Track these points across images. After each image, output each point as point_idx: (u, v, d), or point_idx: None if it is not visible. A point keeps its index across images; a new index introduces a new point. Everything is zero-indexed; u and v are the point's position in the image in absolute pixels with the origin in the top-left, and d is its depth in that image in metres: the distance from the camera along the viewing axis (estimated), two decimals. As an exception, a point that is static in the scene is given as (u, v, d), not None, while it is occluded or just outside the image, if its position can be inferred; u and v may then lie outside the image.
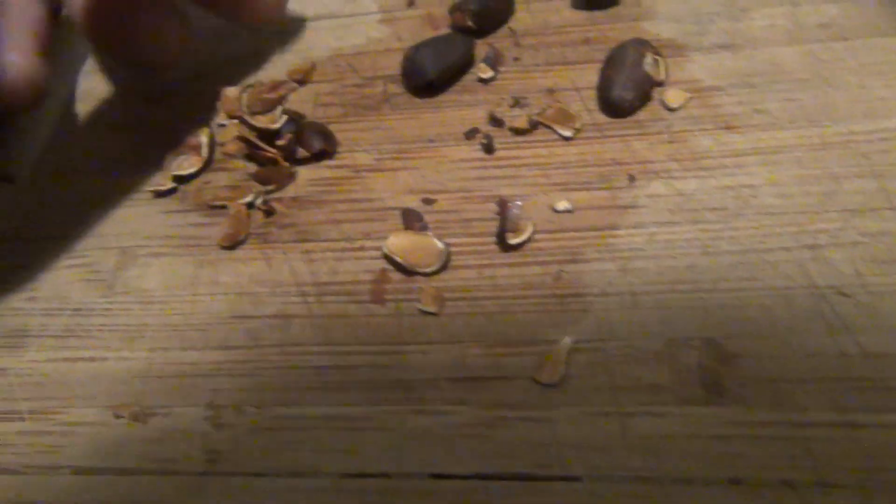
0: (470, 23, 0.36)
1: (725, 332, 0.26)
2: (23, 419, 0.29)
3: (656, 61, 0.33)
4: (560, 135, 0.32)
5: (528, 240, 0.30)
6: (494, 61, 0.35)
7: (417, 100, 0.35)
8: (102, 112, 0.39)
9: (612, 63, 0.33)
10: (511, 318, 0.28)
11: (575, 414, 0.25)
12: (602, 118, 0.33)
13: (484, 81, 0.34)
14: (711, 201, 0.29)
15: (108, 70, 0.41)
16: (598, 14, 0.37)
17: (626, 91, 0.32)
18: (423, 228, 0.31)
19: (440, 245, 0.30)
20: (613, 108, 0.33)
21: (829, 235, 0.27)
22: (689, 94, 0.32)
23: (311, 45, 0.39)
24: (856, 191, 0.28)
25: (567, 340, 0.27)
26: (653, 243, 0.29)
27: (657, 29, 0.35)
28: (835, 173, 0.29)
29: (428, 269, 0.30)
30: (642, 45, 0.33)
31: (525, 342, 0.27)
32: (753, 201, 0.29)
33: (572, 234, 0.30)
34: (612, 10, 0.37)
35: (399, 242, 0.30)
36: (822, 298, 0.26)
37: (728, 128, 0.31)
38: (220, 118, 0.36)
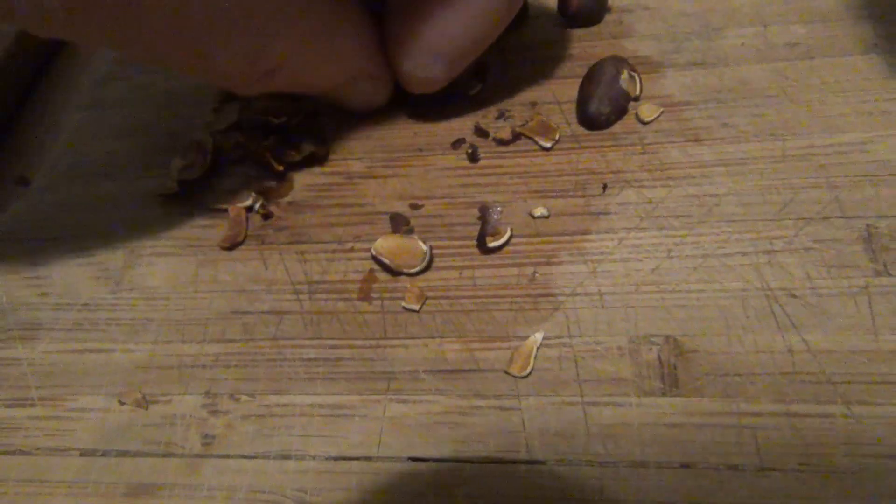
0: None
1: (684, 329, 0.28)
2: (34, 405, 0.31)
3: (632, 77, 0.35)
4: (540, 145, 0.35)
5: (506, 243, 0.32)
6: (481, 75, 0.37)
7: (409, 112, 0.37)
8: (113, 119, 0.42)
9: (591, 79, 0.35)
10: (487, 315, 0.30)
11: (542, 404, 0.28)
12: (580, 130, 0.35)
13: (471, 97, 0.36)
14: (677, 209, 0.31)
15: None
16: (581, 32, 0.39)
17: (602, 105, 0.34)
18: (410, 232, 0.33)
19: (424, 247, 0.32)
20: (590, 121, 0.35)
21: (785, 241, 0.29)
22: (661, 109, 0.35)
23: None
24: (811, 200, 0.30)
25: (537, 336, 0.29)
26: (621, 247, 0.31)
27: (636, 46, 0.37)
28: (793, 184, 0.31)
29: (412, 270, 0.32)
30: (619, 62, 0.35)
31: (499, 338, 0.29)
32: (716, 209, 0.31)
33: (547, 238, 0.32)
34: (594, 29, 0.39)
35: (386, 244, 0.32)
36: (774, 299, 0.28)
37: (696, 140, 0.33)
38: (222, 123, 0.38)
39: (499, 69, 0.38)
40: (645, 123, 0.34)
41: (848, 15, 0.35)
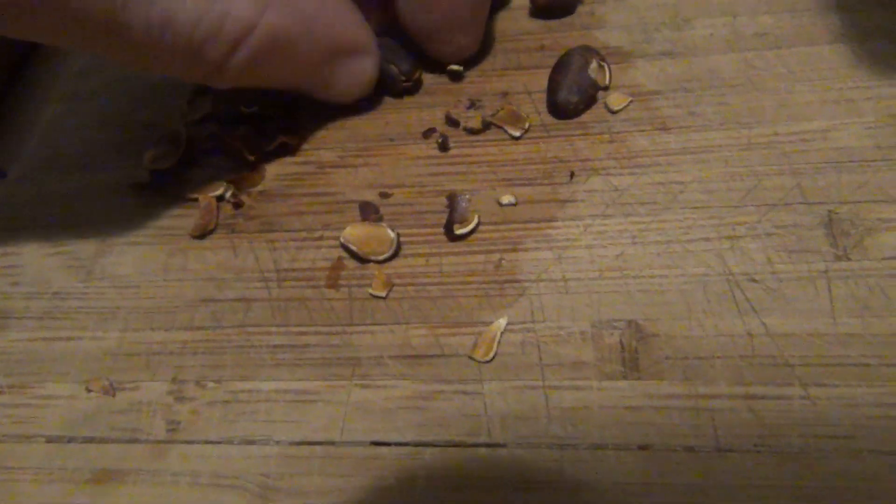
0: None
1: (646, 314, 0.28)
2: (2, 393, 0.31)
3: (601, 67, 0.36)
4: (510, 134, 0.35)
5: (474, 230, 0.32)
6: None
7: (383, 100, 0.38)
8: (90, 110, 0.42)
9: (560, 69, 0.36)
10: (453, 301, 0.30)
11: (504, 388, 0.28)
12: (550, 119, 0.35)
13: (454, 77, 0.37)
14: (643, 196, 0.31)
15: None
16: (552, 23, 0.39)
17: (571, 94, 0.35)
18: (379, 220, 0.33)
19: (392, 235, 0.32)
20: (559, 110, 0.35)
21: (747, 227, 0.29)
22: (630, 98, 0.35)
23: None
24: (774, 187, 0.30)
25: (501, 322, 0.29)
26: (587, 234, 0.31)
27: (606, 37, 0.38)
28: (757, 171, 0.31)
29: (380, 257, 0.32)
30: (588, 52, 0.36)
31: (464, 324, 0.30)
32: (681, 196, 0.31)
33: (514, 225, 0.32)
34: (566, 19, 0.39)
35: (355, 232, 0.33)
36: (735, 284, 0.28)
37: (664, 129, 0.33)
38: (196, 114, 0.38)
39: (471, 60, 0.38)
40: (614, 112, 0.34)
41: (816, 5, 0.36)
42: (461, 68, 0.37)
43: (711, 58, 0.35)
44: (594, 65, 0.35)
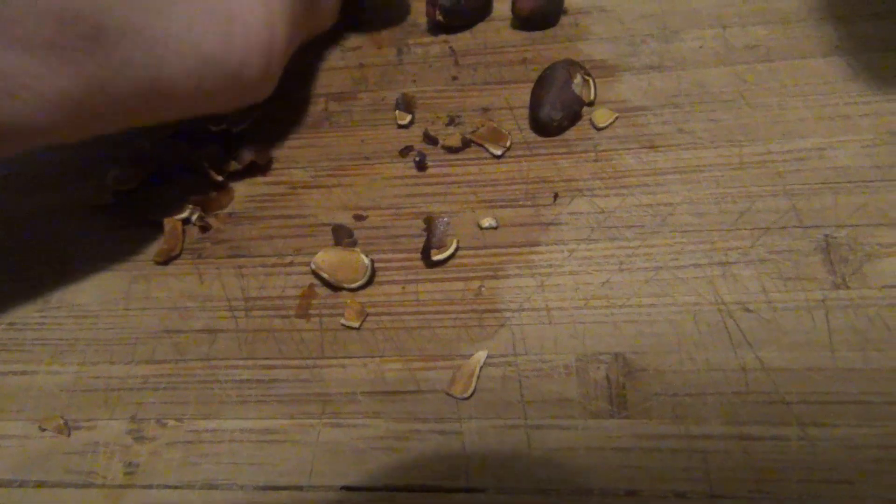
0: (440, 18, 0.37)
1: (634, 347, 0.26)
2: (-49, 432, 0.29)
3: (586, 82, 0.34)
4: (491, 153, 0.33)
5: (452, 256, 0.30)
6: (407, 106, 0.36)
7: (356, 117, 0.36)
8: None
9: (543, 84, 0.34)
10: (430, 332, 0.28)
11: (484, 427, 0.26)
12: (532, 137, 0.34)
13: (404, 126, 0.35)
14: (630, 219, 0.30)
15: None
16: (536, 34, 0.38)
17: (554, 111, 0.33)
18: (352, 244, 0.32)
19: (366, 261, 0.30)
20: (542, 127, 0.33)
21: (740, 253, 0.28)
22: (616, 114, 0.33)
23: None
24: (768, 209, 0.29)
25: (481, 355, 0.27)
26: (571, 259, 0.29)
27: (592, 49, 0.36)
28: (750, 192, 0.29)
29: (353, 285, 0.30)
30: (572, 65, 0.34)
31: (442, 356, 0.28)
32: (670, 219, 0.29)
33: (495, 250, 0.30)
34: (549, 31, 0.38)
35: (327, 258, 0.31)
36: (728, 314, 0.26)
37: (652, 147, 0.32)
38: (162, 132, 0.36)
39: (451, 73, 0.36)
40: (599, 129, 0.33)
41: (810, 16, 0.34)
42: (410, 118, 0.35)
43: (701, 71, 0.34)
44: (578, 79, 0.33)
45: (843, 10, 0.34)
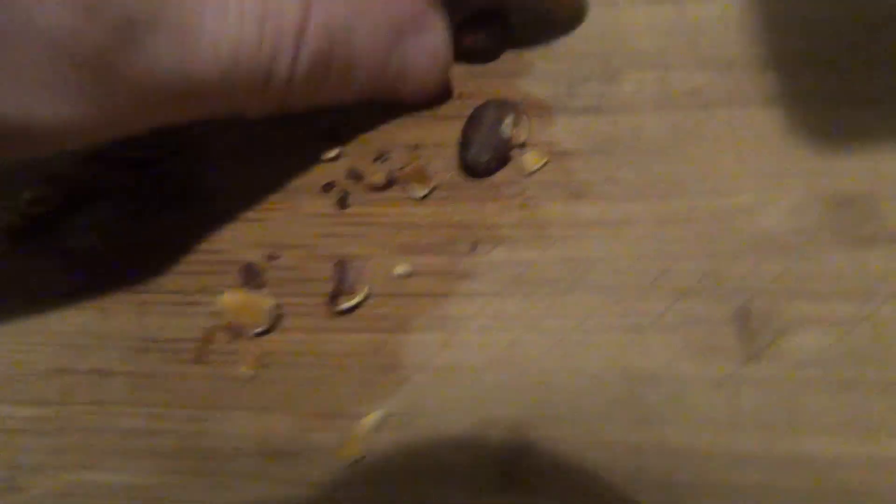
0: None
1: (533, 414, 0.25)
2: None
3: (518, 122, 0.32)
4: (413, 194, 0.32)
5: (360, 304, 0.29)
6: (335, 137, 0.34)
7: (283, 147, 0.35)
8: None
9: (472, 123, 0.32)
10: (327, 388, 0.27)
11: (369, 496, 0.24)
12: (460, 178, 0.32)
13: (332, 160, 0.33)
14: (548, 273, 0.28)
15: None
16: (476, 68, 0.36)
17: (482, 152, 0.32)
18: (260, 286, 0.30)
19: (271, 305, 0.29)
20: (469, 169, 0.32)
21: (653, 318, 0.26)
22: (547, 158, 0.32)
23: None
24: (687, 271, 0.27)
25: (376, 415, 0.26)
26: (482, 314, 0.28)
27: (530, 87, 0.35)
28: (670, 251, 0.28)
29: (255, 330, 0.29)
30: (503, 105, 0.32)
31: (335, 414, 0.27)
32: (587, 276, 0.28)
33: (406, 299, 0.29)
34: (490, 65, 0.36)
35: (231, 300, 0.29)
36: (634, 384, 0.25)
37: (578, 196, 0.30)
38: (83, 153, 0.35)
39: (381, 106, 0.34)
40: (528, 174, 0.31)
41: (755, 61, 0.32)
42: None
43: (638, 117, 0.32)
44: (509, 120, 0.32)
45: (789, 59, 0.32)
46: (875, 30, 0.32)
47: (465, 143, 0.32)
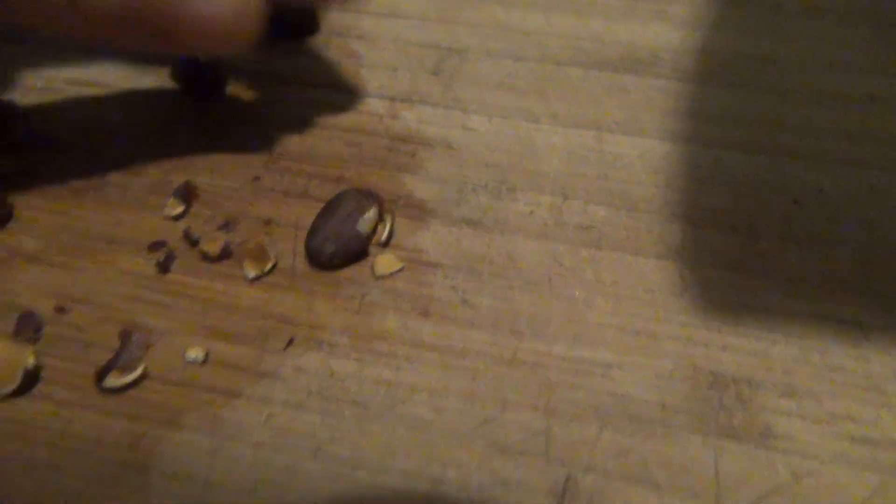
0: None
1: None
2: None
3: (381, 219, 0.28)
4: (245, 273, 0.27)
5: (132, 385, 0.24)
6: (186, 196, 0.30)
7: (130, 195, 0.31)
8: None
9: (327, 209, 0.29)
10: (62, 482, 0.22)
11: None
12: (303, 266, 0.28)
13: (174, 218, 0.29)
14: (358, 393, 0.24)
15: None
16: (366, 156, 0.32)
17: (327, 243, 0.27)
18: (34, 340, 0.25)
19: (30, 364, 0.24)
20: (313, 258, 0.28)
21: (457, 475, 0.21)
22: (403, 264, 0.27)
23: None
24: (518, 425, 0.23)
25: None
26: (265, 427, 0.23)
27: (415, 185, 0.31)
28: (506, 398, 0.23)
29: (2, 390, 0.23)
30: (367, 196, 0.28)
31: (47, 512, 0.21)
32: (402, 408, 0.23)
33: (186, 390, 0.24)
34: (382, 155, 0.32)
35: (-10, 350, 0.24)
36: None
37: (424, 314, 0.26)
38: None
39: (255, 173, 0.31)
40: (377, 277, 0.26)
41: (661, 210, 0.29)
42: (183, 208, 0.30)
43: (518, 240, 0.28)
44: (370, 214, 0.28)
45: (697, 215, 0.29)
46: (796, 204, 0.29)
47: (312, 230, 0.28)
